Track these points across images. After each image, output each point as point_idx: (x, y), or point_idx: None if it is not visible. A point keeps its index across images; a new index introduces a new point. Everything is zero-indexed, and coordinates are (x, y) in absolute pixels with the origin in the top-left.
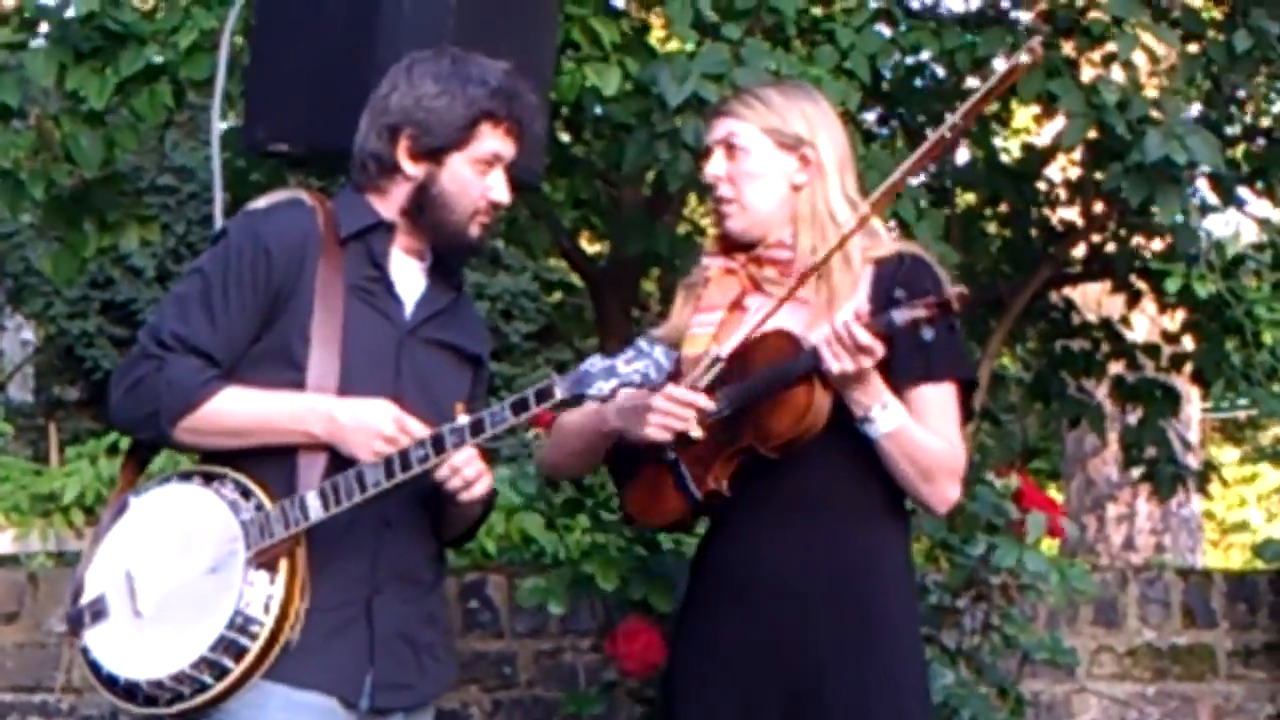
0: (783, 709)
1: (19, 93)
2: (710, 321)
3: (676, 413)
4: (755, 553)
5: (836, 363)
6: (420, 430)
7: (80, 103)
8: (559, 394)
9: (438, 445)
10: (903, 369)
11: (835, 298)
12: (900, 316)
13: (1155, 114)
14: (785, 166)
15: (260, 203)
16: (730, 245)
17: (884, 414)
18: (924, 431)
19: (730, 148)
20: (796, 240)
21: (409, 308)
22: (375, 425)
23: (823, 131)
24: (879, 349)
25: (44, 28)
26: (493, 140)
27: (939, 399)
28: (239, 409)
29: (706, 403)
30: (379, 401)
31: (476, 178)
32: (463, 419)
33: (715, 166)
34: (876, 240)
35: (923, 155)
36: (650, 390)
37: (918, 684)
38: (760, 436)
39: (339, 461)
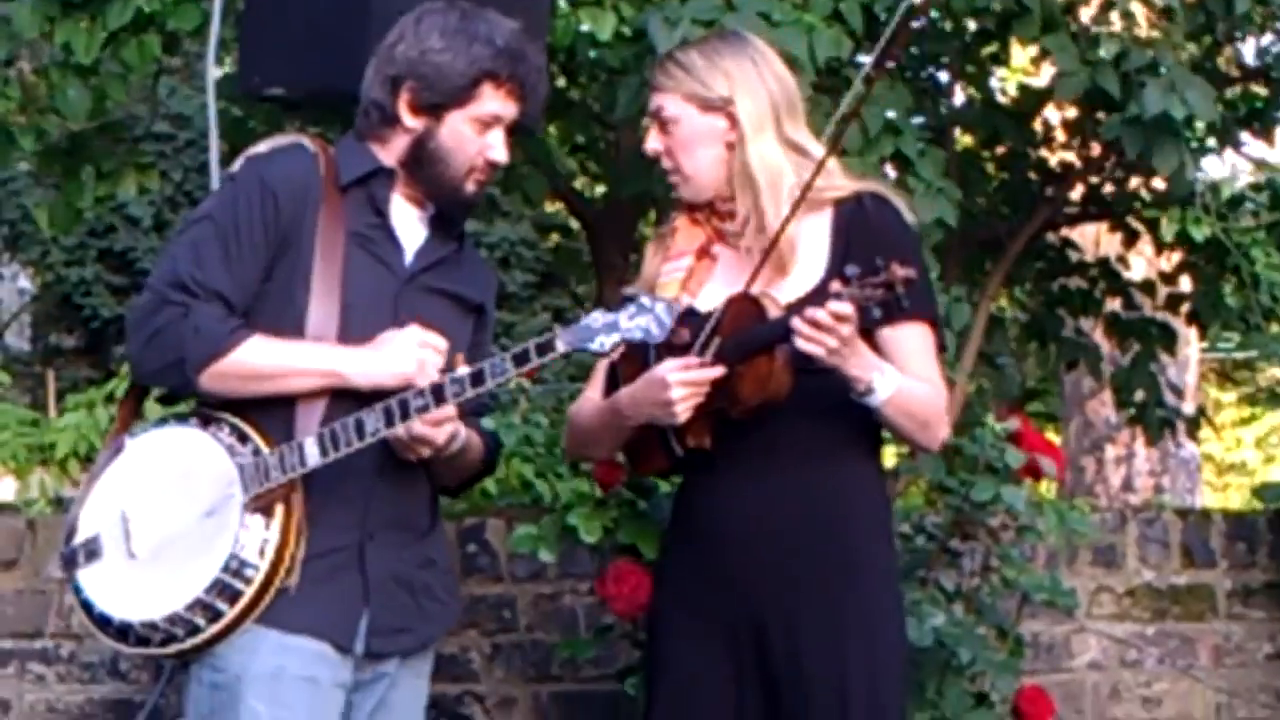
0: (757, 650)
1: (7, 45)
2: (680, 268)
3: (696, 391)
4: (730, 501)
5: (818, 347)
6: (435, 339)
7: (70, 54)
8: (560, 347)
9: (438, 395)
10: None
11: (792, 247)
12: (846, 298)
13: (1153, 56)
14: (715, 127)
15: (262, 147)
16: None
17: (882, 380)
18: (914, 383)
19: (661, 120)
20: (737, 197)
21: (409, 255)
22: (404, 336)
23: (742, 87)
24: (851, 314)
25: None
26: (493, 101)
27: (915, 339)
28: (266, 356)
29: (717, 371)
30: (390, 334)
31: (475, 136)
32: (463, 369)
33: (652, 141)
34: (830, 178)
35: (855, 101)
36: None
37: (892, 622)
38: (729, 401)
39: (337, 409)
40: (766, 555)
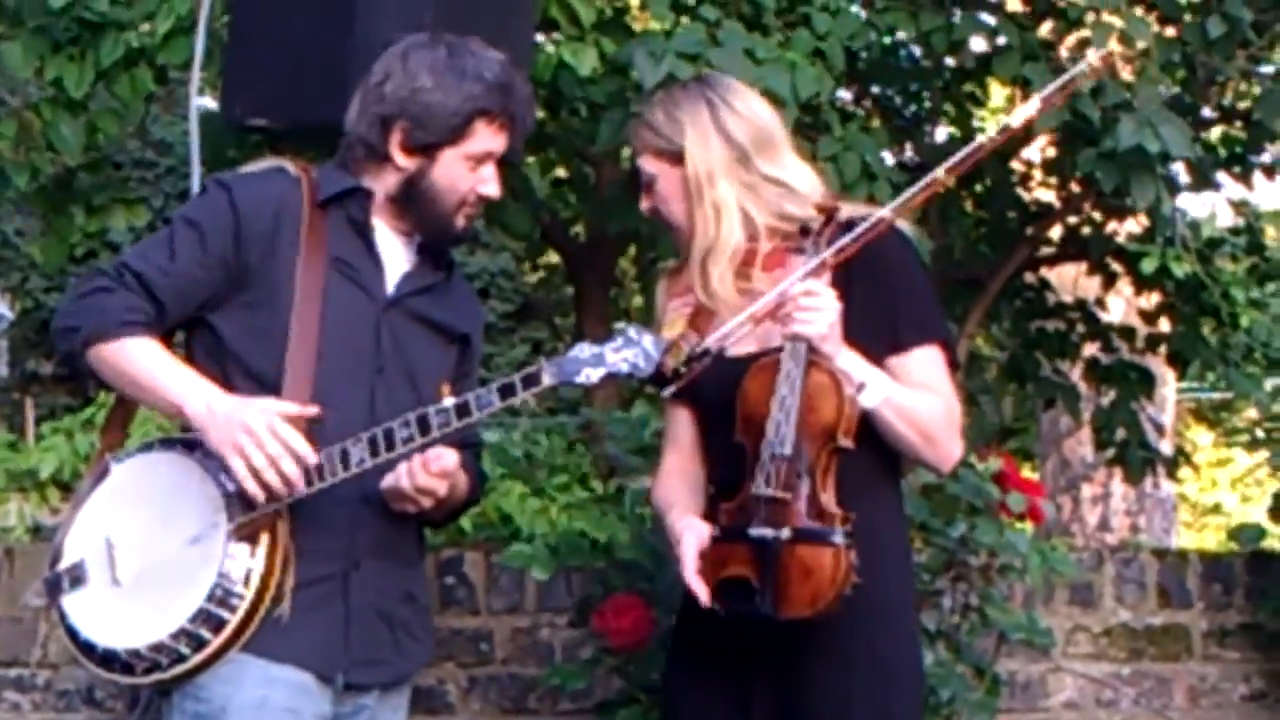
0: (773, 686)
1: None
2: (687, 303)
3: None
4: None
5: (811, 326)
6: (297, 442)
7: (61, 91)
8: (546, 380)
9: (423, 426)
10: (879, 340)
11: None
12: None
13: (1129, 96)
14: (683, 177)
15: (244, 169)
16: None
17: (875, 380)
18: (915, 392)
19: (645, 181)
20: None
21: (392, 281)
22: (245, 419)
23: (692, 135)
24: (828, 292)
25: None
26: (486, 136)
27: (925, 360)
28: (139, 361)
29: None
30: (265, 400)
31: (467, 173)
32: (449, 400)
33: (644, 202)
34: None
35: (958, 163)
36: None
37: (906, 658)
38: (827, 434)
39: (317, 438)
40: None
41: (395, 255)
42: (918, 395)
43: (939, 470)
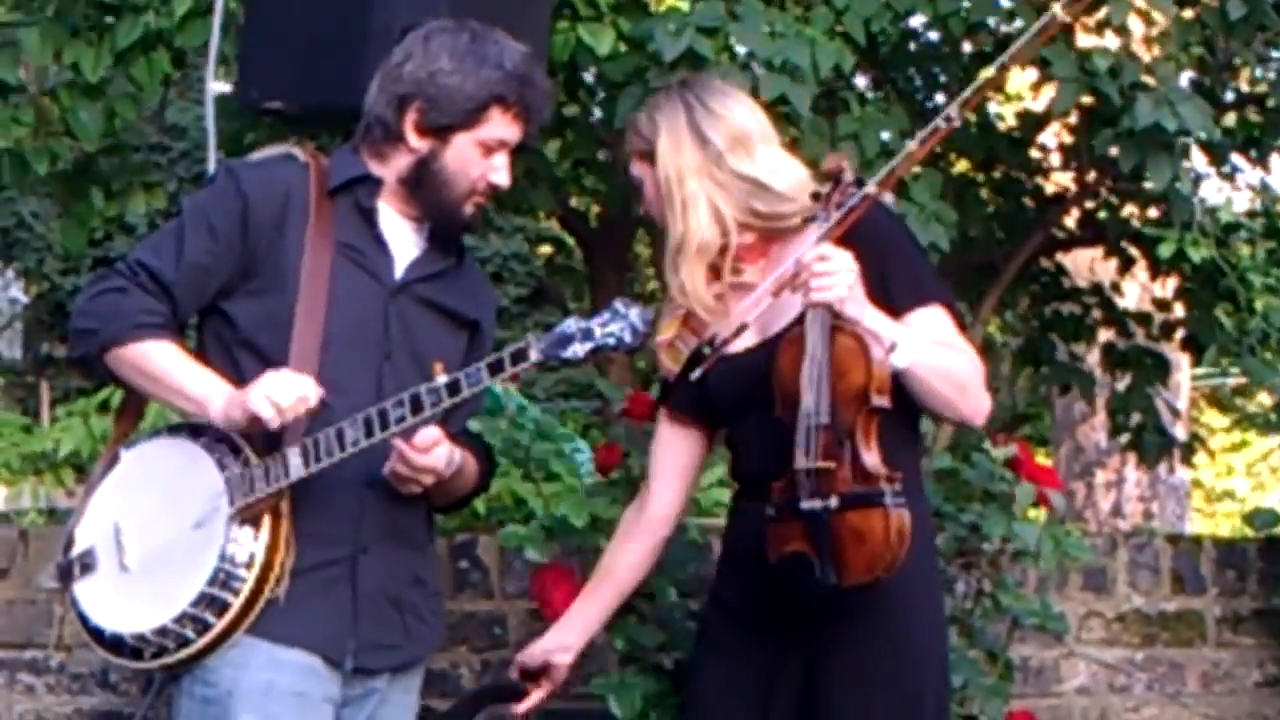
0: (801, 676)
1: (16, 70)
2: (681, 305)
3: None
4: None
5: (830, 291)
6: (309, 387)
7: (79, 75)
8: (534, 356)
9: (415, 405)
10: (877, 308)
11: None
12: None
13: (1147, 79)
14: (655, 177)
15: (253, 156)
16: None
17: (906, 337)
18: (941, 347)
19: (635, 183)
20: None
21: (401, 266)
22: (283, 377)
23: (662, 136)
24: (843, 254)
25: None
26: (500, 124)
27: (932, 319)
28: (158, 364)
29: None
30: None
31: (479, 159)
32: (440, 379)
33: (641, 203)
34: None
35: (928, 137)
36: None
37: (932, 640)
38: (861, 396)
39: (323, 423)
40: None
41: (404, 241)
42: (946, 350)
43: (972, 423)
